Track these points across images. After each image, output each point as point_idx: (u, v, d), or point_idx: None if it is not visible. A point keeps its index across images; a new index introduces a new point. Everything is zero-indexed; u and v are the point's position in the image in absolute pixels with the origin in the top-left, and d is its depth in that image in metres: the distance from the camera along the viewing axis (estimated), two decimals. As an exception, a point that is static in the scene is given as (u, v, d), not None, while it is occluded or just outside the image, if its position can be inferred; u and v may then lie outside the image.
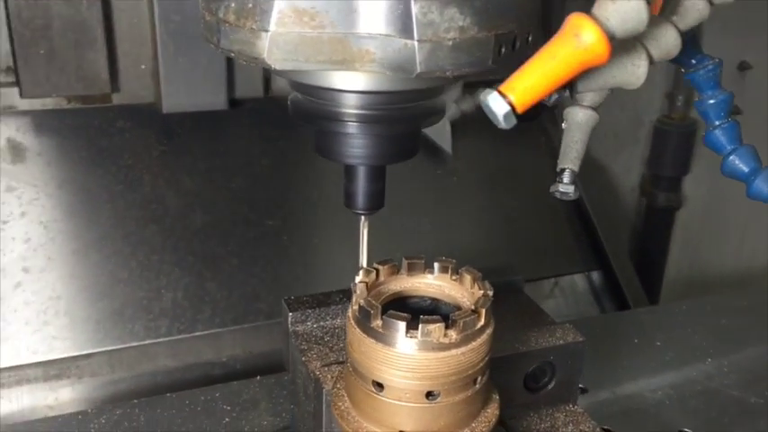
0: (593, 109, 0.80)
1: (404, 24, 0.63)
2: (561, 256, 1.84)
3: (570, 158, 0.80)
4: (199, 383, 1.26)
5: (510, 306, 0.97)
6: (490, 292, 0.71)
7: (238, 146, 1.61)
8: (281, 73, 0.72)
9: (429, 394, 0.68)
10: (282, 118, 1.61)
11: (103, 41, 1.42)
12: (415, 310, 0.71)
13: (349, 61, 0.65)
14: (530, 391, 0.90)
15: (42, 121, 1.50)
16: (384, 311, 0.67)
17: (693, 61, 0.84)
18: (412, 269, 0.74)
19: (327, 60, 0.65)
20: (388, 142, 0.74)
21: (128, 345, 1.42)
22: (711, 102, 0.84)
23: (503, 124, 0.62)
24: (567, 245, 1.86)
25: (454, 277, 0.74)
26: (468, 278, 0.73)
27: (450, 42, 0.64)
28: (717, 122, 0.84)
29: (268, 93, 1.65)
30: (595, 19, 0.60)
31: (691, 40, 0.81)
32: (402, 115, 0.72)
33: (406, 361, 0.67)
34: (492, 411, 0.74)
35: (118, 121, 1.53)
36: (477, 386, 0.71)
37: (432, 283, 0.73)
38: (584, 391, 1.17)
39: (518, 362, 0.88)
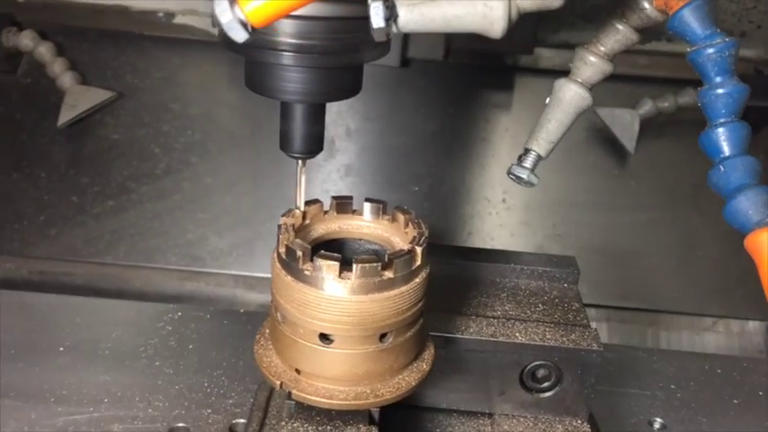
0: (588, 89, 0.66)
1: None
2: (738, 296, 1.52)
3: (538, 139, 0.69)
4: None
5: (548, 298, 0.83)
6: (425, 231, 0.61)
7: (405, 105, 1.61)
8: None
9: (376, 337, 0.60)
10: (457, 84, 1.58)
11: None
12: (348, 254, 0.64)
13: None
14: (526, 389, 0.76)
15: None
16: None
17: (702, 35, 0.62)
18: (341, 210, 0.66)
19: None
20: (329, 77, 0.66)
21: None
22: (719, 92, 0.61)
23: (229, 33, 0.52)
24: (748, 284, 1.53)
25: (386, 218, 0.65)
26: (401, 218, 0.64)
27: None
28: (720, 120, 0.62)
29: (448, 57, 1.61)
30: None
31: (702, 5, 0.60)
32: (343, 46, 0.65)
33: (341, 306, 0.59)
34: (423, 365, 0.64)
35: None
36: (410, 333, 0.62)
37: (363, 225, 0.65)
38: (663, 427, 0.96)
39: (514, 353, 0.75)
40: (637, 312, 1.51)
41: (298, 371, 0.62)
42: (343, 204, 0.66)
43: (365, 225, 0.65)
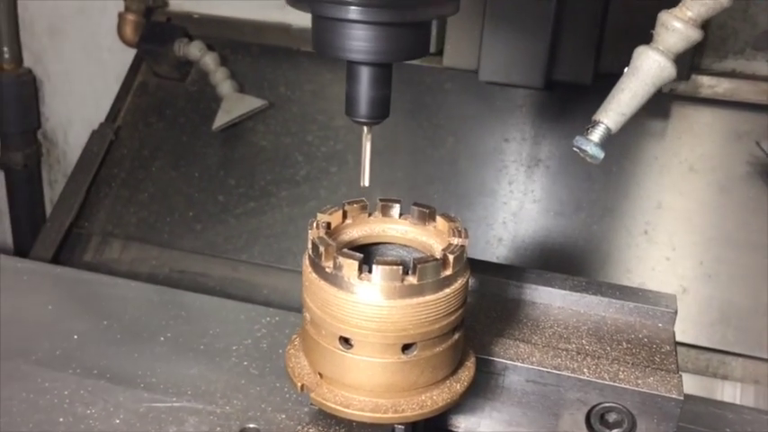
0: (670, 59, 0.57)
1: None
2: None
3: (608, 111, 0.60)
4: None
5: (635, 336, 0.74)
6: (465, 241, 0.57)
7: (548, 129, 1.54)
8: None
9: (398, 347, 0.57)
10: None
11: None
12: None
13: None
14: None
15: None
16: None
17: None
18: (386, 213, 0.62)
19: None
20: (395, 35, 0.61)
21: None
22: None
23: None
24: None
25: (433, 224, 0.60)
26: (447, 226, 0.59)
27: None
28: None
29: (595, 81, 1.52)
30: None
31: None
32: (412, 1, 0.60)
33: (360, 308, 0.57)
34: (456, 386, 0.59)
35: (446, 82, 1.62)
36: (440, 348, 0.58)
37: (408, 230, 0.61)
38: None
39: (579, 390, 0.67)
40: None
41: (321, 375, 0.59)
42: (388, 207, 0.63)
43: (410, 230, 0.62)
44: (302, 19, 1.72)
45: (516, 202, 1.54)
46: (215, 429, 0.71)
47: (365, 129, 0.66)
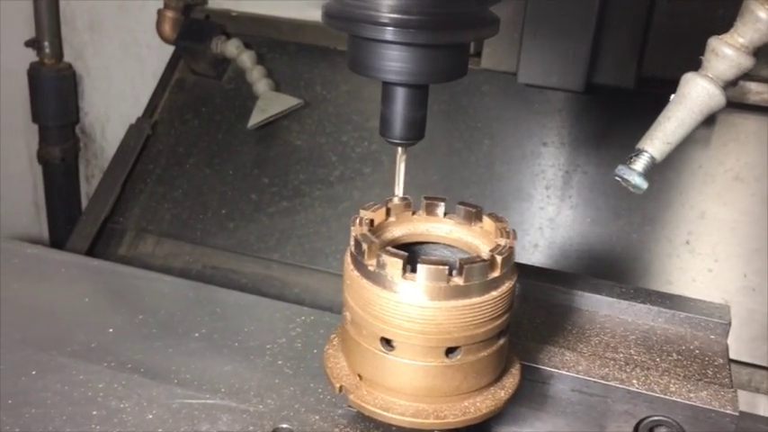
0: (720, 87, 0.54)
1: None
2: None
3: (653, 139, 0.58)
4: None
5: (686, 348, 0.71)
6: (514, 242, 0.55)
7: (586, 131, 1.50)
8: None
9: (442, 350, 0.55)
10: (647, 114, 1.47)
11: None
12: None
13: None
14: (640, 448, 0.64)
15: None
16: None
17: None
18: (431, 211, 0.60)
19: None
20: (432, 56, 0.59)
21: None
22: None
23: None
24: None
25: (479, 224, 0.58)
26: (494, 226, 0.57)
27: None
28: None
29: (638, 85, 1.48)
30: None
31: None
32: (447, 22, 0.58)
33: (403, 309, 0.55)
34: (500, 393, 0.57)
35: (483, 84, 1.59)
36: (485, 353, 0.55)
37: (453, 230, 0.59)
38: None
39: (627, 402, 0.64)
40: None
41: (360, 377, 0.58)
42: (433, 205, 0.61)
43: (454, 230, 0.60)
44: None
45: (553, 208, 1.51)
46: (248, 428, 0.70)
47: (399, 149, 0.65)
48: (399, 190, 0.63)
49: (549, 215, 1.51)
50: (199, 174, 1.69)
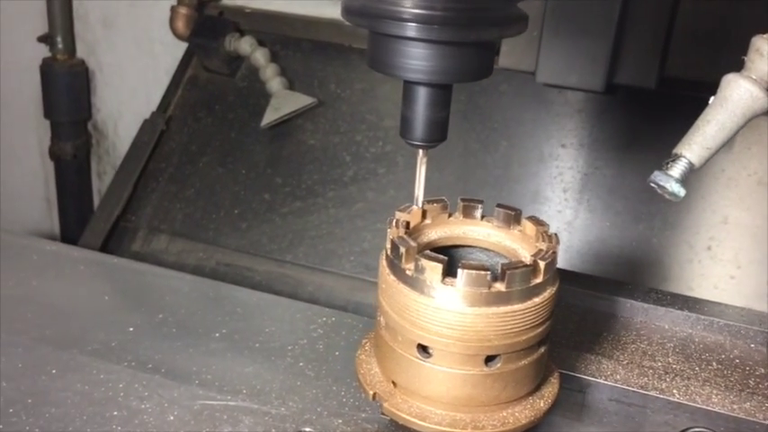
0: (764, 88, 0.52)
1: None
2: None
3: (692, 144, 0.55)
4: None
5: (725, 356, 0.69)
6: (557, 247, 0.53)
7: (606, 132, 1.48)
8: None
9: (481, 359, 0.53)
10: (669, 115, 1.43)
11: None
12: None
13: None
14: (679, 460, 0.62)
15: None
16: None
17: None
18: (468, 214, 0.58)
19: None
20: (456, 54, 0.56)
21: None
22: None
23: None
24: None
25: (518, 228, 0.56)
26: (534, 230, 0.55)
27: None
28: None
29: (660, 85, 1.46)
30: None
31: None
32: (472, 19, 0.55)
33: (441, 315, 0.53)
34: (540, 403, 0.55)
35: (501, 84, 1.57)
36: (525, 362, 0.53)
37: (492, 233, 0.57)
38: None
39: (667, 413, 0.62)
40: None
41: (394, 384, 0.56)
42: (470, 207, 0.59)
43: (493, 233, 0.58)
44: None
45: (571, 211, 1.49)
46: (270, 431, 0.69)
47: (420, 152, 0.62)
48: (420, 193, 0.61)
49: (566, 218, 1.49)
50: (211, 173, 1.68)
